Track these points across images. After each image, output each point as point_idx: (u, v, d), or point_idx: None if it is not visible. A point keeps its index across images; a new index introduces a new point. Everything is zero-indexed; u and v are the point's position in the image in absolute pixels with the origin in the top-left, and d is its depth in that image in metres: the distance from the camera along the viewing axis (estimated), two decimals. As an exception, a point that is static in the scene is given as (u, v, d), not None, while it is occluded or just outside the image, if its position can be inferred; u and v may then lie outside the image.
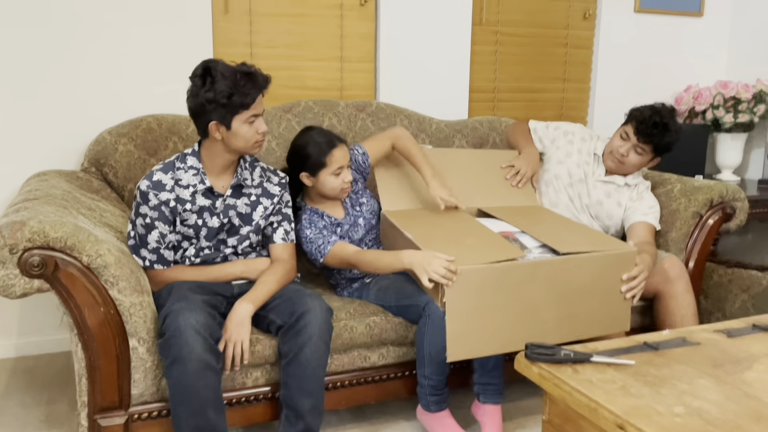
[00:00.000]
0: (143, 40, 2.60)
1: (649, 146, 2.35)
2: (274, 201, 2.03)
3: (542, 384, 1.35)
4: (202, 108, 1.82)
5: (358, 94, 2.99)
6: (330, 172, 2.12)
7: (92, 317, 1.70)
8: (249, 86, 1.81)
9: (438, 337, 1.94)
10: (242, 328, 1.84)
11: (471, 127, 2.99)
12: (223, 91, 1.78)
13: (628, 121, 2.40)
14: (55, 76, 2.51)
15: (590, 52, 3.45)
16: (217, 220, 1.95)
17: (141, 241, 1.89)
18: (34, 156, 2.50)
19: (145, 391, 1.80)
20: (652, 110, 2.35)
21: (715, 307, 2.64)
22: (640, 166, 2.44)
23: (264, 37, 2.80)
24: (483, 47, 3.21)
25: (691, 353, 1.44)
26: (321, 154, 2.11)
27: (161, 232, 1.89)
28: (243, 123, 1.84)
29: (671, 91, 3.59)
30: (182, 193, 1.91)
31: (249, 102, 1.82)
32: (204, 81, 1.80)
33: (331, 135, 2.17)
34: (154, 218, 1.88)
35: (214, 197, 1.94)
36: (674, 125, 2.34)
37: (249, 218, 2.00)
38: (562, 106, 3.44)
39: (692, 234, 2.44)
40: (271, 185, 2.05)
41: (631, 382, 1.29)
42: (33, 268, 1.62)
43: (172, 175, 1.91)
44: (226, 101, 1.79)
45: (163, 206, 1.88)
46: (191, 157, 1.94)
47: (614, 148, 2.42)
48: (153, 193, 1.88)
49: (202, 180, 1.92)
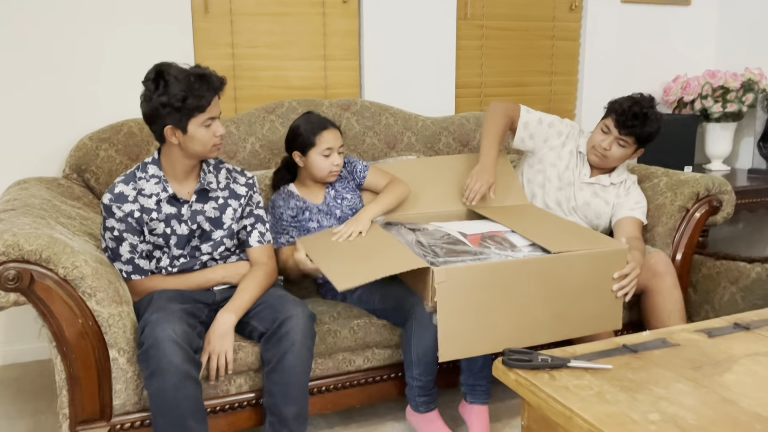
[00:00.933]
0: (122, 42, 2.58)
1: (631, 138, 2.33)
2: (242, 202, 2.00)
3: (519, 391, 1.34)
4: (157, 112, 1.78)
5: (342, 92, 2.97)
6: (319, 151, 2.18)
7: (70, 329, 1.68)
8: (203, 89, 1.78)
9: (425, 338, 1.93)
10: (225, 339, 1.83)
11: (458, 124, 2.98)
12: (177, 95, 1.75)
13: (608, 114, 2.38)
14: (35, 82, 2.49)
15: (577, 44, 3.43)
16: (185, 227, 1.92)
17: (114, 255, 1.87)
18: (16, 163, 2.47)
19: (127, 401, 1.79)
20: (631, 101, 2.32)
21: (704, 299, 2.63)
22: (624, 159, 2.42)
23: (245, 37, 2.78)
24: (468, 42, 3.18)
25: (670, 355, 1.43)
26: (311, 134, 2.18)
27: (131, 243, 1.87)
28: (199, 126, 1.81)
29: (660, 82, 3.56)
30: (146, 202, 1.88)
31: (204, 105, 1.79)
32: (157, 85, 1.77)
33: (326, 119, 2.25)
34: (121, 230, 1.86)
35: (179, 204, 1.91)
36: (654, 114, 2.32)
37: (219, 222, 1.97)
38: (550, 99, 3.42)
39: (679, 228, 2.43)
40: (237, 186, 2.01)
41: (607, 387, 1.28)
42: (8, 281, 1.61)
43: (133, 185, 1.88)
44: (181, 104, 1.76)
45: (129, 218, 1.86)
46: (152, 165, 1.91)
47: (596, 143, 2.39)
48: (116, 206, 1.85)
49: (165, 188, 1.89)
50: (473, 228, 2.13)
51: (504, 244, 2.00)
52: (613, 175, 2.46)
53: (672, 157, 3.26)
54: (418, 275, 1.88)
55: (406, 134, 2.86)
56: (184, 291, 1.93)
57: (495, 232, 2.09)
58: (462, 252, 1.93)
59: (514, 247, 2.00)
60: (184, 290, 1.93)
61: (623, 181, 2.47)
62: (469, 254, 1.92)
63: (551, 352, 1.43)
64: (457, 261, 1.87)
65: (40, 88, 2.49)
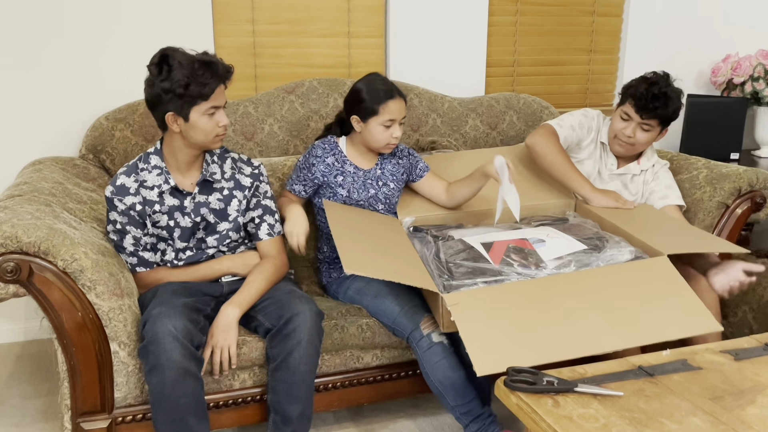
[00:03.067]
0: (140, 20, 2.51)
1: (655, 120, 2.19)
2: (246, 193, 1.93)
3: (520, 416, 1.25)
4: (159, 98, 1.73)
5: (367, 71, 2.78)
6: (380, 122, 2.05)
7: (70, 322, 1.66)
8: (207, 76, 1.72)
9: (437, 364, 1.84)
10: (228, 333, 1.78)
11: (486, 105, 2.84)
12: (180, 81, 1.70)
13: (624, 99, 2.23)
14: (54, 60, 2.45)
15: (620, 20, 3.22)
16: (189, 220, 1.87)
17: (118, 247, 1.84)
18: (35, 142, 2.46)
19: (128, 394, 1.77)
20: (647, 82, 2.19)
21: (741, 300, 2.47)
22: (650, 142, 2.27)
23: (266, 13, 2.68)
24: (502, 18, 3.01)
25: (689, 381, 1.32)
26: (375, 102, 2.04)
27: (134, 236, 1.83)
28: (202, 115, 1.75)
29: (708, 61, 3.33)
30: (148, 194, 1.83)
31: (207, 93, 1.73)
32: (160, 69, 1.72)
33: (393, 86, 2.09)
34: (124, 223, 1.82)
35: (182, 196, 1.86)
36: (674, 92, 2.18)
37: (224, 214, 1.91)
38: (588, 79, 3.23)
39: (717, 225, 2.27)
40: (242, 176, 1.94)
41: (614, 419, 1.18)
42: (6, 273, 1.59)
43: (135, 177, 1.83)
44: (183, 91, 1.70)
45: (131, 210, 1.82)
46: (154, 156, 1.85)
47: (618, 131, 2.25)
48: (117, 199, 1.81)
49: (167, 180, 1.84)
50: (502, 236, 1.99)
51: (529, 260, 1.87)
52: (642, 161, 2.32)
53: (717, 142, 3.07)
54: (430, 294, 1.83)
55: (431, 116, 2.74)
56: (190, 283, 1.89)
57: (523, 243, 1.96)
58: (480, 272, 1.82)
59: (540, 263, 1.87)
60: (191, 283, 1.89)
61: (652, 165, 2.33)
62: (487, 274, 1.81)
63: (560, 372, 1.34)
64: (471, 284, 1.78)
65: (59, 66, 2.45)
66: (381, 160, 2.18)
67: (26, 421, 2.10)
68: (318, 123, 2.60)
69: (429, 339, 1.84)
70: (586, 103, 3.26)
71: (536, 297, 1.74)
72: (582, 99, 3.26)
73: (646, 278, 1.82)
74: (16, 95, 2.44)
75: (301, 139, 2.60)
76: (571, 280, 1.81)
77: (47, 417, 2.12)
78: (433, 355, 1.84)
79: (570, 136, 2.34)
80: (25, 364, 2.46)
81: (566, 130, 2.33)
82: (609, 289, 1.78)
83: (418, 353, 1.87)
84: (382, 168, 2.18)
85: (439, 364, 1.84)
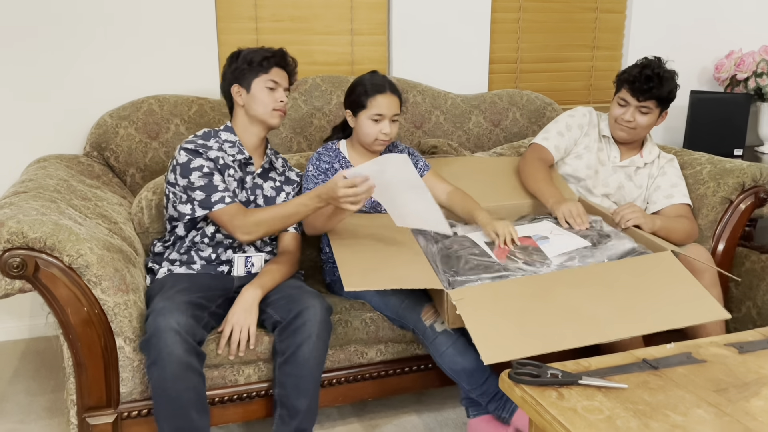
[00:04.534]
0: (143, 18, 2.52)
1: (652, 101, 2.20)
2: (294, 187, 2.10)
3: (524, 408, 1.25)
4: (229, 77, 1.96)
5: (370, 68, 2.80)
6: (368, 115, 2.06)
7: (76, 317, 1.67)
8: (269, 54, 1.95)
9: (445, 353, 1.86)
10: (249, 313, 1.81)
11: (489, 102, 2.85)
12: (246, 56, 1.94)
13: (620, 86, 2.25)
14: (57, 57, 2.46)
15: (623, 16, 3.22)
16: (244, 195, 1.98)
17: (207, 187, 1.85)
18: (40, 139, 2.47)
19: (133, 389, 1.77)
20: (640, 66, 2.20)
21: (745, 295, 2.47)
22: (651, 125, 2.28)
23: (269, 10, 2.69)
24: (504, 14, 3.02)
25: (693, 374, 1.32)
26: (364, 95, 2.06)
27: (222, 178, 1.90)
28: (262, 87, 1.92)
29: (711, 58, 3.33)
30: (226, 158, 1.94)
31: (267, 66, 1.93)
32: (235, 58, 1.97)
33: (386, 82, 2.10)
34: (211, 168, 1.89)
35: (246, 172, 1.99)
36: (667, 72, 2.20)
37: (272, 202, 2.03)
38: (591, 75, 3.24)
39: (721, 221, 2.27)
40: (293, 174, 2.13)
41: (619, 411, 1.19)
42: (12, 269, 1.60)
43: (214, 140, 1.95)
44: (246, 66, 1.93)
45: (216, 162, 1.91)
46: (224, 132, 1.98)
47: (617, 117, 2.26)
48: (202, 149, 1.90)
49: (241, 150, 1.96)
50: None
51: (534, 258, 1.88)
52: (644, 154, 2.32)
53: (720, 139, 3.07)
54: (435, 291, 1.84)
55: (434, 113, 2.75)
56: (200, 278, 1.91)
57: (527, 241, 1.96)
58: (484, 267, 1.83)
59: (545, 260, 1.87)
60: (202, 277, 1.92)
61: (655, 158, 2.33)
62: (492, 270, 1.82)
63: (564, 365, 1.34)
64: (475, 280, 1.79)
65: (63, 65, 2.46)
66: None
67: (31, 417, 2.11)
68: (321, 120, 2.61)
69: (433, 329, 1.84)
70: (589, 99, 3.26)
71: (541, 290, 1.75)
72: (585, 95, 3.26)
73: (650, 271, 1.82)
74: (20, 93, 2.45)
75: (305, 136, 2.61)
76: (576, 273, 1.81)
77: (52, 413, 2.13)
78: (440, 344, 1.85)
79: (561, 143, 2.35)
80: (30, 361, 2.47)
81: (554, 140, 2.34)
82: (614, 282, 1.78)
83: (426, 344, 1.89)
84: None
85: (447, 352, 1.85)
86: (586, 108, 2.43)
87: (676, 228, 2.16)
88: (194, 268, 1.95)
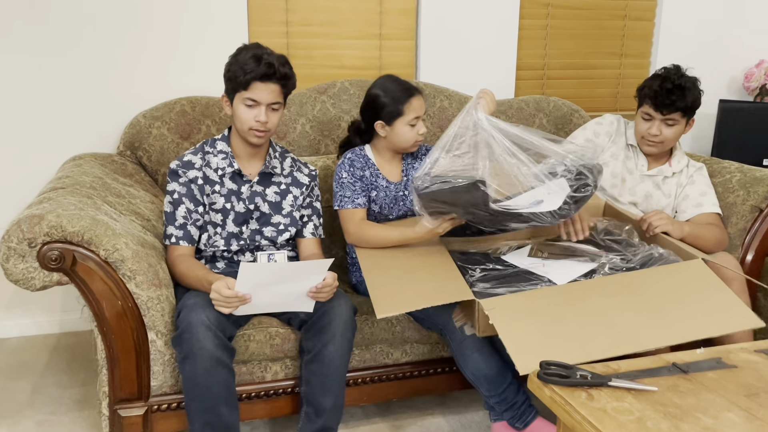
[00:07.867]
0: (177, 20, 2.57)
1: (677, 113, 2.18)
2: (303, 191, 2.02)
3: (553, 409, 1.26)
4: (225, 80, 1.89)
5: (397, 73, 2.80)
6: (406, 121, 2.04)
7: (110, 310, 1.71)
8: (249, 68, 1.79)
9: (470, 357, 1.87)
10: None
11: (516, 108, 2.85)
12: (230, 67, 1.84)
13: (642, 101, 2.23)
14: (93, 60, 2.52)
15: (651, 24, 3.22)
16: (242, 206, 1.95)
17: (168, 218, 1.89)
18: (75, 138, 2.53)
19: (164, 383, 1.81)
20: (659, 79, 2.18)
21: (773, 305, 2.45)
22: (679, 135, 2.26)
23: (300, 15, 2.73)
24: (532, 21, 3.03)
25: (724, 378, 1.32)
26: (398, 102, 2.03)
27: (188, 208, 1.90)
28: (240, 103, 1.84)
29: (741, 67, 3.31)
30: (211, 174, 1.93)
31: (245, 82, 1.80)
32: (233, 56, 1.87)
33: (408, 84, 2.09)
34: (181, 194, 1.89)
35: (241, 182, 1.95)
36: (688, 81, 2.17)
37: (279, 207, 1.99)
38: (619, 83, 3.23)
39: (750, 229, 2.25)
40: (301, 175, 2.05)
41: (649, 413, 1.19)
42: (51, 261, 1.64)
43: (201, 156, 1.95)
44: (227, 76, 1.85)
45: (192, 184, 1.90)
46: (221, 141, 1.96)
47: (644, 132, 2.25)
48: (182, 171, 1.91)
49: (231, 163, 1.93)
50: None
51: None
52: (673, 163, 2.31)
53: (749, 148, 3.04)
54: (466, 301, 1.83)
55: (461, 118, 2.76)
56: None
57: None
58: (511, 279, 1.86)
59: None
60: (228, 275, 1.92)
61: (686, 166, 2.32)
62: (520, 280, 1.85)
63: (593, 367, 1.35)
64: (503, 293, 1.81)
65: (99, 66, 2.52)
66: (406, 167, 2.18)
67: (62, 409, 2.15)
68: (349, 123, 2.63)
69: (462, 331, 1.86)
70: (616, 107, 3.26)
71: (573, 299, 1.75)
72: (612, 103, 3.25)
73: (682, 279, 1.82)
74: (57, 94, 2.51)
75: (332, 138, 2.63)
76: (607, 282, 1.81)
77: (82, 406, 2.17)
78: (466, 348, 1.86)
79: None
80: (61, 354, 2.52)
81: (582, 142, 2.34)
82: (646, 290, 1.78)
83: (452, 345, 1.89)
84: (408, 177, 2.18)
85: (472, 356, 1.86)
86: (614, 116, 2.43)
87: (705, 235, 2.15)
88: (218, 266, 1.99)
